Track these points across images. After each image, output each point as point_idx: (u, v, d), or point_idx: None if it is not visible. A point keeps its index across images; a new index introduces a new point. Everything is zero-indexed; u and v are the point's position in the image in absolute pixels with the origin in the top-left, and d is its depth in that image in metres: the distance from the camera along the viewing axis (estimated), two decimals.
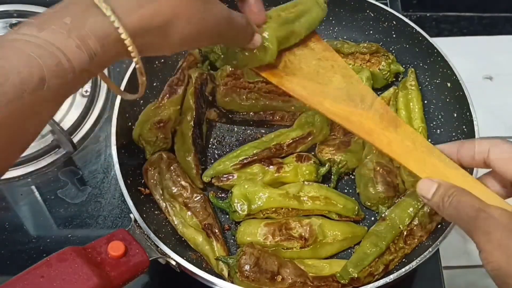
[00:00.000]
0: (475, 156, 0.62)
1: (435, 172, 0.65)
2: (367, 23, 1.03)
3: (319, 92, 0.69)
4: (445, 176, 0.64)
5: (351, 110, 0.69)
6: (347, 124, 0.68)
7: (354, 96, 0.70)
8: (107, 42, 0.45)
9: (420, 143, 0.68)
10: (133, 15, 0.46)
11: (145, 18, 0.47)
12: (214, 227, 0.83)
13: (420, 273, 0.89)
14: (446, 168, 0.65)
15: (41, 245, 0.89)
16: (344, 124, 0.69)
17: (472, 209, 0.54)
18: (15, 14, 1.11)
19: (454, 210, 0.57)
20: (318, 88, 0.69)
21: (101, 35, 0.44)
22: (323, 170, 0.89)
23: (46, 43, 0.42)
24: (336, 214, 0.86)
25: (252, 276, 0.76)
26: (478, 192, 0.59)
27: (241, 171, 0.87)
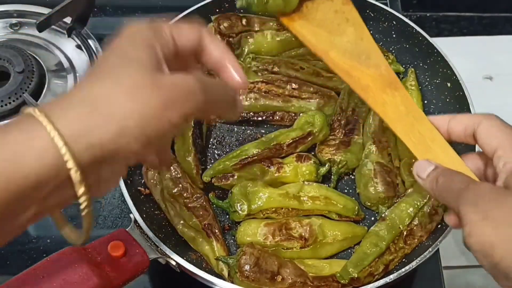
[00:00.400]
0: (465, 129, 0.60)
1: (420, 142, 0.65)
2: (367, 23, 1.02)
3: (328, 42, 0.70)
4: (428, 147, 0.64)
5: (353, 65, 0.70)
6: (346, 78, 0.70)
7: (361, 52, 0.71)
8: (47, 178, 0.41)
9: (413, 110, 0.68)
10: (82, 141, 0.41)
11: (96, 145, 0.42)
12: (214, 227, 0.83)
13: (420, 273, 0.89)
14: (433, 141, 0.64)
15: (41, 245, 0.89)
16: (343, 77, 0.70)
17: (462, 183, 0.54)
18: (15, 14, 1.11)
19: (444, 188, 0.56)
20: (328, 38, 0.71)
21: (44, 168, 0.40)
22: (323, 170, 0.89)
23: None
24: (336, 214, 0.86)
25: (252, 276, 0.76)
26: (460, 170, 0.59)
27: (241, 171, 0.87)
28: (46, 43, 1.08)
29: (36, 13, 1.10)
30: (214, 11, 1.01)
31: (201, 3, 0.99)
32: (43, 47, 1.07)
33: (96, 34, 1.10)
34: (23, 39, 1.08)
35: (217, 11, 1.01)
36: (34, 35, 1.08)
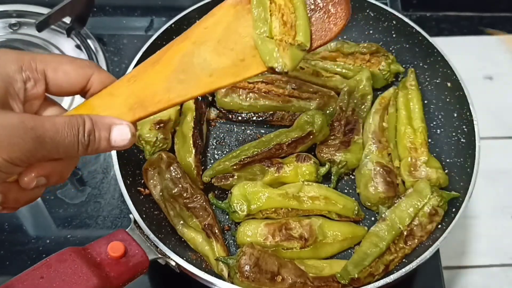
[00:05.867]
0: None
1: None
2: (367, 23, 1.03)
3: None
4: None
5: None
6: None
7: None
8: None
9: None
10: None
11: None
12: (214, 227, 0.83)
13: (420, 273, 0.89)
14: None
15: (40, 245, 0.89)
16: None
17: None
18: (14, 14, 1.11)
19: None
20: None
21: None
22: (323, 170, 0.89)
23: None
24: (336, 214, 0.86)
25: (252, 276, 0.76)
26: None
27: (241, 171, 0.87)
28: (45, 43, 1.08)
29: (36, 13, 1.10)
30: None
31: (201, 3, 0.99)
32: (43, 47, 1.07)
33: (96, 34, 1.10)
34: (23, 39, 1.08)
35: None
36: (34, 35, 1.08)
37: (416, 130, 0.91)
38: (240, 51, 0.57)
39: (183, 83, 0.56)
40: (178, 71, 0.56)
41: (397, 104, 0.96)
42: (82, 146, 0.48)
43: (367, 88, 0.96)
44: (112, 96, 0.54)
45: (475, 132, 0.87)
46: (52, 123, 0.45)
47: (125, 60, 1.08)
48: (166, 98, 0.55)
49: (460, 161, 0.89)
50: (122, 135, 0.50)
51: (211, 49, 0.57)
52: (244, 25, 0.58)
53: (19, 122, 0.43)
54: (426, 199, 0.82)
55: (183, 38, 0.58)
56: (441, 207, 0.83)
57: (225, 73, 0.57)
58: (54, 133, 0.45)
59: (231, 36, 0.58)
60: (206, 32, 0.58)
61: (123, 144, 0.51)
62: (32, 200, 0.51)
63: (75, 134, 0.47)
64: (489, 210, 1.05)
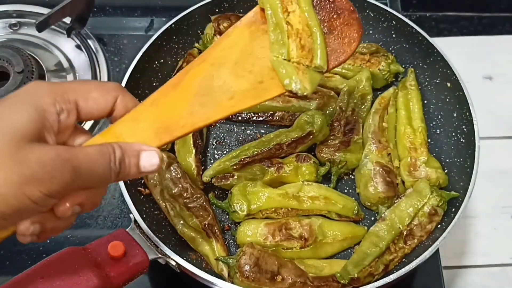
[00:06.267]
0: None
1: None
2: (367, 23, 1.03)
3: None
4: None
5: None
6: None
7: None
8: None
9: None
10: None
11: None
12: (214, 227, 0.83)
13: (420, 273, 0.89)
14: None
15: (41, 245, 0.89)
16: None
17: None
18: (14, 14, 1.11)
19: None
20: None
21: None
22: (323, 170, 0.89)
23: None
24: (336, 214, 0.86)
25: (252, 276, 0.76)
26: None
27: (241, 171, 0.87)
28: (45, 43, 1.08)
29: (36, 13, 1.10)
30: (214, 11, 1.01)
31: (201, 3, 0.99)
32: (43, 47, 1.07)
33: (96, 34, 1.10)
34: (23, 39, 1.08)
35: (216, 11, 1.01)
36: (34, 35, 1.08)
37: (415, 130, 0.92)
38: (258, 73, 0.57)
39: (205, 106, 0.55)
40: (199, 94, 0.56)
41: (397, 104, 0.96)
42: (114, 173, 0.48)
43: (367, 88, 0.96)
44: (137, 122, 0.53)
45: (474, 132, 0.87)
46: (85, 153, 0.47)
47: (125, 60, 1.08)
48: (190, 123, 0.55)
49: (459, 161, 0.89)
50: (151, 161, 0.51)
51: (230, 71, 0.57)
52: (260, 46, 0.58)
53: (55, 155, 0.44)
54: (425, 199, 0.83)
55: (201, 60, 0.57)
56: (440, 207, 0.83)
57: (245, 95, 0.57)
58: (88, 163, 0.46)
59: (248, 58, 0.58)
60: (223, 54, 0.58)
61: (152, 170, 0.51)
62: (67, 227, 0.52)
63: (107, 163, 0.48)
64: (489, 210, 1.05)
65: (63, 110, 0.47)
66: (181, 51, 1.01)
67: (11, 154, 0.42)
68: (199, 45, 1.01)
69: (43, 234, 0.49)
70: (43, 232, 0.49)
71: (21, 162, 0.42)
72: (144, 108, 0.54)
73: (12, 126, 0.43)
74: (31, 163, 0.43)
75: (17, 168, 0.42)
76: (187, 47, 1.01)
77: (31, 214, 0.46)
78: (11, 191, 0.42)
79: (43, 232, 0.49)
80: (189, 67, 0.57)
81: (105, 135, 0.53)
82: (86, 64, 1.06)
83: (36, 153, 0.43)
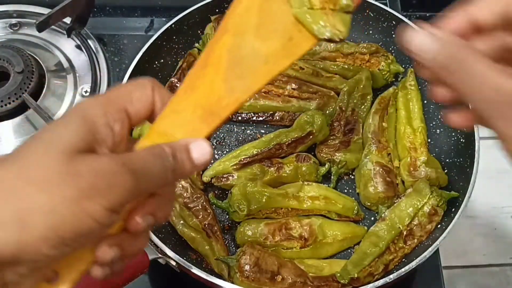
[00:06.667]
0: (503, 13, 0.46)
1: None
2: (367, 23, 1.03)
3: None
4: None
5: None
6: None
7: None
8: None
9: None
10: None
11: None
12: (214, 227, 0.83)
13: (420, 273, 0.89)
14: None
15: None
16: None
17: (492, 87, 0.41)
18: (14, 14, 1.11)
19: (464, 83, 0.43)
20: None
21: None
22: (323, 170, 0.89)
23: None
24: (336, 214, 0.86)
25: (252, 276, 0.76)
26: None
27: (241, 171, 0.87)
28: (45, 43, 1.08)
29: (36, 13, 1.10)
30: (214, 11, 1.01)
31: (201, 3, 0.99)
32: (43, 47, 1.07)
33: (96, 34, 1.10)
34: (23, 39, 1.08)
35: (217, 11, 1.01)
36: (34, 35, 1.08)
37: (415, 130, 0.92)
38: (284, 30, 0.54)
39: (242, 78, 0.52)
40: (231, 68, 0.52)
41: (397, 104, 0.96)
42: (170, 170, 0.45)
43: (367, 88, 0.96)
44: (177, 114, 0.50)
45: (474, 132, 0.87)
46: (137, 155, 0.43)
47: (126, 60, 1.08)
48: (233, 99, 0.52)
49: (459, 161, 0.89)
50: (202, 150, 0.48)
51: (254, 36, 0.54)
52: (277, 2, 0.54)
53: (110, 162, 0.40)
54: (425, 199, 0.83)
55: (221, 34, 0.54)
56: (440, 207, 0.83)
57: (278, 56, 0.53)
58: (143, 164, 0.42)
59: (269, 18, 0.54)
60: (241, 20, 0.54)
61: (205, 159, 0.48)
62: (144, 246, 0.48)
63: (161, 161, 0.44)
64: (489, 210, 1.05)
65: (116, 120, 0.44)
66: (181, 51, 1.01)
67: (62, 168, 0.37)
68: (199, 45, 1.01)
69: (124, 258, 0.45)
70: (124, 256, 0.45)
71: (75, 174, 0.37)
72: (180, 97, 0.51)
73: (60, 140, 0.39)
74: (85, 174, 0.38)
75: (71, 182, 0.37)
76: (187, 47, 1.01)
77: (95, 236, 0.40)
78: (69, 210, 0.37)
79: (125, 256, 0.45)
80: (212, 43, 0.53)
81: (149, 136, 0.49)
82: (86, 64, 1.06)
83: (90, 163, 0.39)
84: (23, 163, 0.37)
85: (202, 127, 0.50)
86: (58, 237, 0.36)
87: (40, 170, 0.37)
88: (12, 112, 0.97)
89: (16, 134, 0.97)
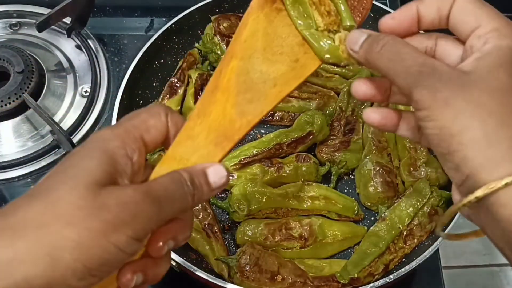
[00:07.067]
0: (439, 11, 0.50)
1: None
2: (367, 23, 1.02)
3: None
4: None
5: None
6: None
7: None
8: None
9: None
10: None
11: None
12: (214, 227, 0.83)
13: (420, 273, 0.89)
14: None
15: None
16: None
17: (415, 62, 0.45)
18: (14, 14, 1.11)
19: (390, 62, 0.47)
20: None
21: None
22: (323, 170, 0.89)
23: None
24: (336, 214, 0.86)
25: (252, 276, 0.76)
26: None
27: (241, 171, 0.87)
28: (45, 43, 1.08)
29: (36, 13, 1.10)
30: (214, 11, 1.01)
31: (201, 3, 0.99)
32: (43, 47, 1.07)
33: (96, 34, 1.10)
34: (23, 39, 1.08)
35: (217, 11, 1.01)
36: (34, 35, 1.08)
37: None
38: (290, 52, 0.55)
39: (253, 102, 0.53)
40: (241, 92, 0.53)
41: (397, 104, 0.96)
42: (190, 195, 0.46)
43: None
44: (192, 139, 0.51)
45: None
46: (157, 183, 0.44)
47: (126, 61, 1.08)
48: (246, 122, 0.52)
49: None
50: (219, 174, 0.49)
51: (262, 60, 0.55)
52: (281, 25, 0.56)
53: (133, 193, 0.41)
54: (425, 199, 0.83)
55: (229, 58, 0.55)
56: (440, 207, 0.83)
57: (286, 78, 0.54)
58: (164, 192, 0.44)
59: (274, 41, 0.56)
60: (247, 45, 0.55)
61: (222, 183, 0.49)
62: (166, 269, 0.49)
63: (181, 187, 0.45)
64: None
65: (134, 150, 0.45)
66: (181, 51, 1.01)
67: (88, 203, 0.39)
68: (199, 45, 1.01)
69: (147, 282, 0.46)
70: (147, 281, 0.46)
71: (100, 207, 0.39)
72: (194, 123, 0.52)
73: (85, 174, 0.40)
74: (111, 207, 0.39)
75: (97, 215, 0.39)
76: (187, 47, 1.01)
77: (119, 265, 0.42)
78: (96, 242, 0.38)
79: (147, 281, 0.46)
80: (219, 68, 0.54)
81: (165, 162, 0.50)
82: (86, 64, 1.06)
83: (114, 195, 0.40)
84: (51, 199, 0.39)
85: (217, 150, 0.51)
86: (86, 268, 0.38)
87: (67, 206, 0.39)
88: (12, 112, 0.97)
89: (16, 134, 0.97)
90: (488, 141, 0.41)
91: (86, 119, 1.00)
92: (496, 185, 0.39)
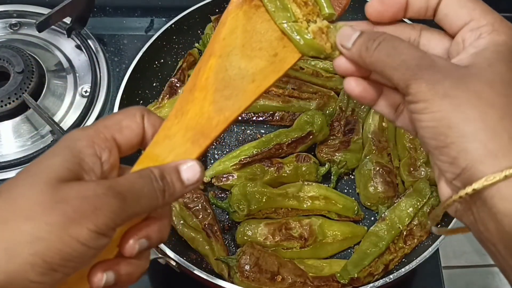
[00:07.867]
0: (428, 0, 0.49)
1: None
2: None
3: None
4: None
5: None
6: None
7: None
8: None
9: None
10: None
11: None
12: (214, 227, 0.83)
13: (420, 273, 0.89)
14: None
15: None
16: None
17: (413, 56, 0.45)
18: (14, 14, 1.11)
19: (387, 57, 0.46)
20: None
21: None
22: (323, 170, 0.89)
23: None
24: (336, 214, 0.86)
25: (252, 276, 0.76)
26: None
27: (241, 171, 0.87)
28: (45, 43, 1.08)
29: (36, 13, 1.10)
30: (214, 11, 1.01)
31: (201, 3, 0.99)
32: (43, 47, 1.07)
33: (96, 34, 1.10)
34: (23, 39, 1.08)
35: (216, 11, 1.01)
36: (34, 35, 1.08)
37: None
38: (269, 47, 0.55)
39: (231, 98, 0.53)
40: (220, 89, 0.53)
41: None
42: (160, 192, 0.45)
43: None
44: (169, 138, 0.51)
45: None
46: (123, 178, 0.44)
47: (126, 61, 1.08)
48: (223, 118, 0.52)
49: None
50: (192, 171, 0.48)
51: (240, 57, 0.55)
52: (260, 22, 0.56)
53: (95, 186, 0.41)
54: (425, 199, 0.83)
55: (207, 57, 0.55)
56: None
57: (265, 73, 0.55)
58: (130, 186, 0.43)
59: (253, 37, 0.56)
60: (226, 42, 0.56)
61: (196, 179, 0.48)
62: (143, 271, 0.48)
63: (149, 182, 0.45)
64: None
65: (104, 149, 0.45)
66: (181, 51, 1.01)
67: (47, 197, 0.39)
68: (199, 45, 1.01)
69: (120, 283, 0.45)
70: (119, 281, 0.45)
71: (60, 201, 0.39)
72: (171, 122, 0.52)
73: (46, 171, 0.40)
74: (70, 200, 0.39)
75: (56, 209, 0.38)
76: (187, 47, 1.01)
77: (85, 260, 0.41)
78: (55, 235, 0.38)
79: (120, 281, 0.45)
80: (198, 67, 0.55)
81: (142, 162, 0.50)
82: (86, 64, 1.06)
83: (75, 189, 0.40)
84: (10, 195, 0.39)
85: (193, 148, 0.51)
86: (45, 262, 0.38)
87: (27, 201, 0.39)
88: (12, 112, 0.97)
89: (16, 134, 0.97)
90: (489, 133, 0.40)
91: (86, 119, 1.00)
92: (496, 177, 0.39)
